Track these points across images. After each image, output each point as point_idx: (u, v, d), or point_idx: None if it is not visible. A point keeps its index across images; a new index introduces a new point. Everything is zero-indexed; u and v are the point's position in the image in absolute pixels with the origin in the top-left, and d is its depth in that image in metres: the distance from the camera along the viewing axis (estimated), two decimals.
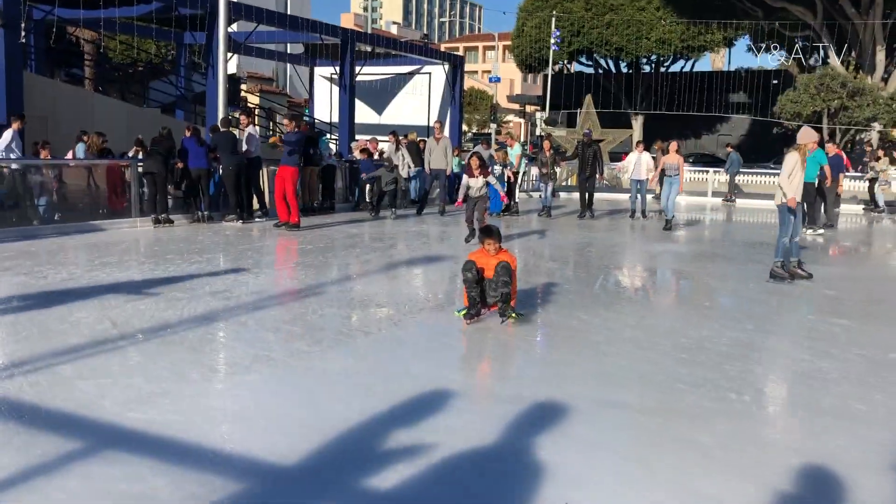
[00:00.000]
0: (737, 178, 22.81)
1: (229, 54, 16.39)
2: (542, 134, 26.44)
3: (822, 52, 32.58)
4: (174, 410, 4.27)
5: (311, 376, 5.05)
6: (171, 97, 24.63)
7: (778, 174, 9.12)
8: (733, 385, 5.03)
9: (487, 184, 11.16)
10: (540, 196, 17.49)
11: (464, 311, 6.40)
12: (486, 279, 6.34)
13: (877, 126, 29.52)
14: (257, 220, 13.55)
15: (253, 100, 36.64)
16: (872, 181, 19.24)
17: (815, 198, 14.36)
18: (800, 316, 7.43)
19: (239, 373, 5.07)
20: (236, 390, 4.72)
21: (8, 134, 12.04)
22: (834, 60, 32.14)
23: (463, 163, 18.27)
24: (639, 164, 15.75)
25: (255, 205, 14.02)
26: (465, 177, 11.00)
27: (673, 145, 14.99)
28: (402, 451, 3.83)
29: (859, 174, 21.85)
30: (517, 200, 17.13)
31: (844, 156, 18.19)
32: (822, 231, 14.11)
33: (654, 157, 16.90)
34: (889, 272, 10.73)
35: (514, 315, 6.33)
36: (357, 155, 16.75)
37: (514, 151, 17.93)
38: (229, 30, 17.23)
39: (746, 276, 9.53)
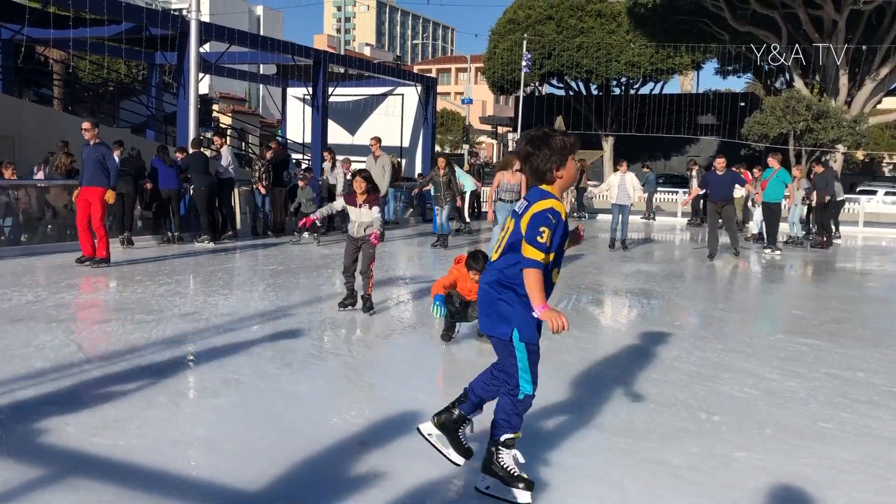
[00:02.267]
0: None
1: (201, 75, 16.32)
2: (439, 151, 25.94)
3: (787, 75, 33.20)
4: (140, 436, 4.19)
5: (281, 399, 4.99)
6: (142, 117, 24.42)
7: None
8: (703, 405, 5.06)
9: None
10: (458, 222, 16.50)
11: (438, 309, 6.12)
12: (469, 301, 6.30)
13: (841, 148, 30.10)
14: (227, 241, 13.45)
15: (225, 120, 36.48)
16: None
17: (777, 217, 14.61)
18: (768, 335, 7.51)
19: (207, 396, 5.00)
20: (204, 414, 4.65)
21: None
22: (799, 83, 32.80)
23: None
24: (623, 186, 14.03)
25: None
26: (338, 201, 7.82)
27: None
28: (372, 476, 3.79)
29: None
30: (468, 221, 17.35)
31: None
32: (779, 252, 14.30)
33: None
34: (853, 292, 10.90)
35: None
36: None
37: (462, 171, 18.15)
38: (201, 50, 17.18)
39: (715, 295, 9.63)
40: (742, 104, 41.42)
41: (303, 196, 14.08)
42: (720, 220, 13.08)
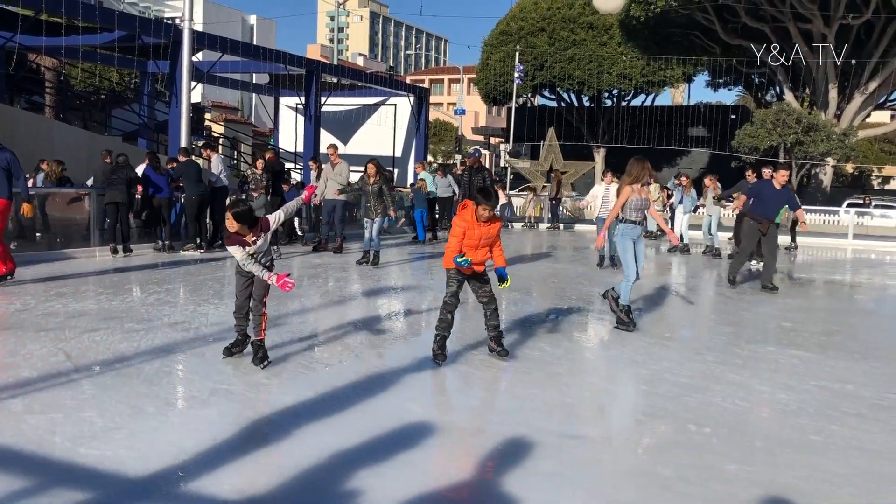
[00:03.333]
0: None
1: (193, 83, 16.31)
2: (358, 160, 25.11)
3: (777, 89, 33.41)
4: (128, 446, 4.16)
5: (271, 410, 4.97)
6: (134, 125, 24.39)
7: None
8: (694, 417, 5.06)
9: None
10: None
11: (462, 259, 6.01)
12: (471, 280, 6.20)
13: (830, 161, 30.30)
14: (220, 249, 13.41)
15: (217, 129, 36.45)
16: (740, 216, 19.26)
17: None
18: (758, 347, 7.53)
19: (196, 406, 4.97)
20: (193, 424, 4.62)
21: None
22: (789, 96, 33.02)
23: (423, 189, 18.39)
24: (607, 198, 13.12)
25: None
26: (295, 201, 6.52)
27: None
28: (362, 487, 3.77)
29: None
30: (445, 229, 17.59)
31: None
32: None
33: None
34: (843, 304, 10.94)
35: (500, 353, 6.33)
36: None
37: (431, 179, 18.21)
38: (193, 59, 17.19)
39: (706, 307, 9.65)
40: (733, 117, 41.64)
41: (255, 203, 12.60)
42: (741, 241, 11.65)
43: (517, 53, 39.05)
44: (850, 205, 28.94)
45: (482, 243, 6.13)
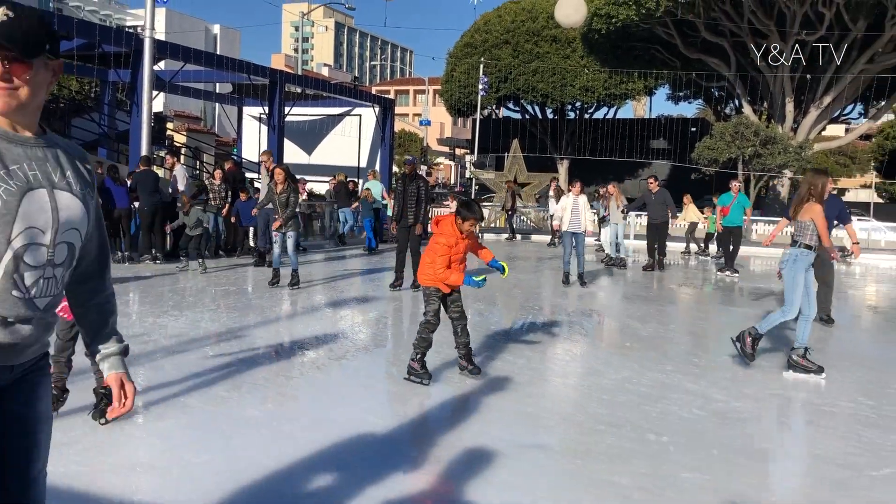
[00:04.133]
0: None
1: (155, 93, 16.14)
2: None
3: (736, 102, 34.06)
4: (80, 461, 4.09)
5: (228, 423, 4.92)
6: (94, 135, 24.02)
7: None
8: (652, 426, 5.12)
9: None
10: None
11: (481, 278, 5.92)
12: (445, 295, 6.04)
13: (788, 173, 30.92)
14: (181, 261, 13.25)
15: (179, 139, 36.05)
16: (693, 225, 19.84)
17: (739, 240, 14.83)
18: (716, 357, 7.64)
19: (152, 420, 4.91)
20: (149, 438, 4.56)
21: None
22: (747, 110, 33.68)
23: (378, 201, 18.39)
24: (576, 210, 12.18)
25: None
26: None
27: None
28: (321, 500, 3.75)
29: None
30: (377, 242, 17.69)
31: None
32: (737, 274, 14.58)
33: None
34: None
35: (473, 371, 6.16)
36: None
37: (376, 188, 18.19)
38: (155, 68, 17.01)
39: (666, 316, 9.77)
40: (693, 129, 42.35)
41: (186, 219, 12.29)
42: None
43: (481, 65, 39.29)
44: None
45: (463, 256, 6.08)
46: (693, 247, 19.48)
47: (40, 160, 1.97)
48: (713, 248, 18.52)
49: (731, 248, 14.84)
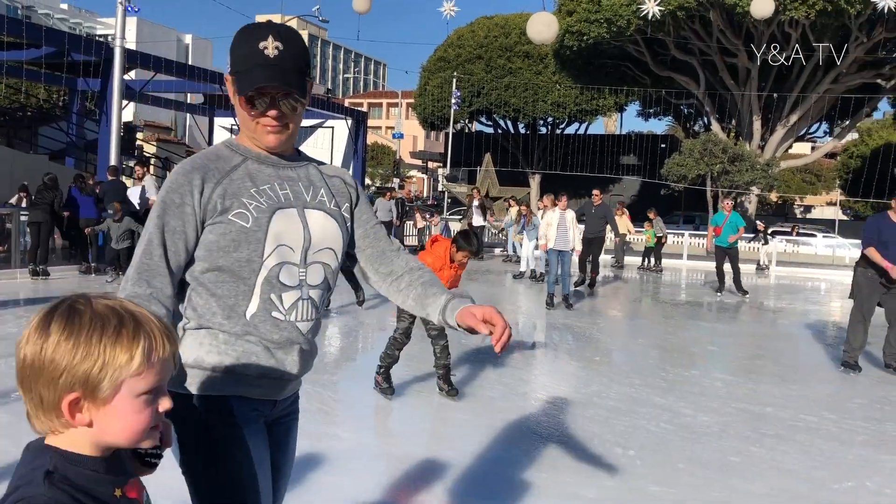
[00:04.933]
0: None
1: (125, 102, 16.01)
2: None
3: (705, 119, 34.61)
4: None
5: None
6: (62, 144, 23.73)
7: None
8: (620, 439, 5.17)
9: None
10: None
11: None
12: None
13: (755, 190, 31.43)
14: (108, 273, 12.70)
15: (149, 149, 35.72)
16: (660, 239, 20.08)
17: (736, 259, 14.17)
18: (684, 371, 7.74)
19: None
20: None
21: None
22: (716, 127, 34.22)
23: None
24: (563, 227, 11.35)
25: None
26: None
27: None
28: None
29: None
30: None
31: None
32: (748, 295, 14.32)
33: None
34: (767, 329, 11.32)
35: (450, 393, 5.99)
36: None
37: None
38: (126, 77, 16.87)
39: (635, 331, 9.87)
40: (663, 146, 42.91)
41: (115, 228, 11.61)
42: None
43: (454, 80, 39.48)
44: (774, 233, 30.04)
45: (449, 285, 5.72)
46: (625, 259, 19.79)
47: (291, 180, 1.93)
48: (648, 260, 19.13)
49: (732, 269, 14.12)
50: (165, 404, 1.21)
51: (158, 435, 1.25)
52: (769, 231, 22.54)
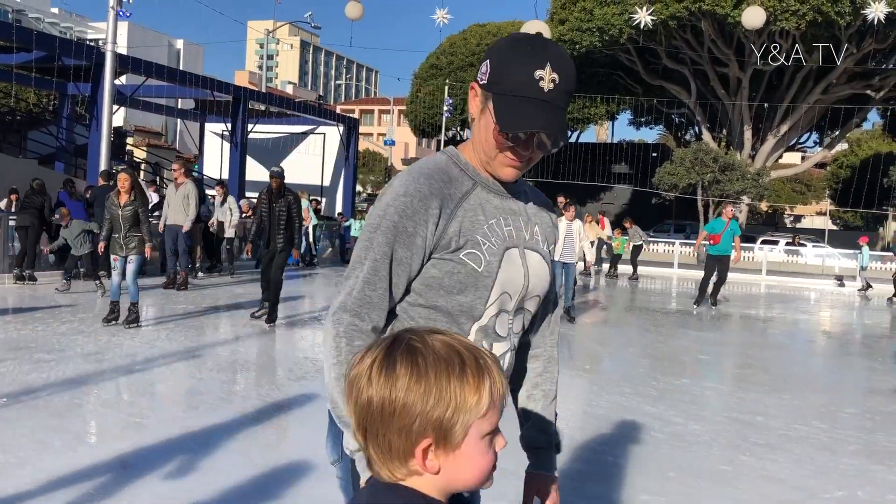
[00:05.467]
0: None
1: (115, 107, 15.95)
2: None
3: (696, 129, 34.76)
4: (31, 482, 3.98)
5: (185, 444, 4.83)
6: (51, 148, 23.61)
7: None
8: (609, 448, 5.15)
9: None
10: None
11: None
12: None
13: (745, 199, 31.56)
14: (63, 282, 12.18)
15: (140, 154, 35.60)
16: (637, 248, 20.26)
17: (727, 269, 13.87)
18: (674, 380, 7.74)
19: (108, 441, 4.80)
20: (104, 460, 4.45)
21: None
22: (707, 136, 34.38)
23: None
24: (569, 238, 10.72)
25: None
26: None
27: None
28: None
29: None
30: (315, 253, 17.83)
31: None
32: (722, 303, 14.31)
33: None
34: (757, 338, 11.35)
35: None
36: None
37: (303, 205, 18.33)
38: (117, 82, 16.82)
39: (626, 340, 9.87)
40: (654, 154, 43.02)
41: (67, 234, 11.09)
42: None
43: (447, 87, 39.54)
44: (763, 241, 30.20)
45: None
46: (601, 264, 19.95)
47: (513, 214, 1.72)
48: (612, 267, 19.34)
49: (718, 277, 13.79)
50: (501, 442, 1.13)
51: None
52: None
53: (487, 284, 1.63)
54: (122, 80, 20.93)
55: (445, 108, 35.37)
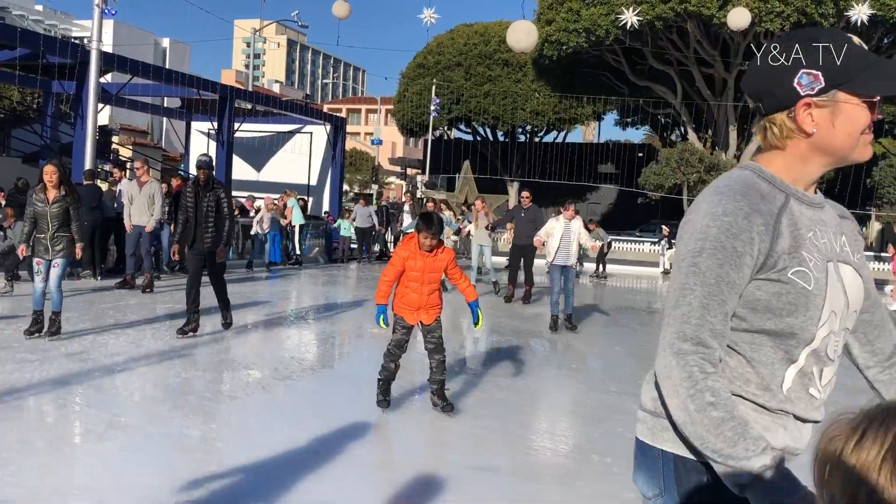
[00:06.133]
0: None
1: (100, 105, 15.84)
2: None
3: (682, 129, 34.93)
4: (14, 483, 3.95)
5: (170, 444, 4.82)
6: (36, 147, 23.42)
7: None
8: (596, 447, 5.17)
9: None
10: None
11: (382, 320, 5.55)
12: (421, 325, 5.65)
13: None
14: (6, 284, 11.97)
15: (125, 152, 35.37)
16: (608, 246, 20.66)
17: None
18: None
19: (91, 441, 4.78)
20: (87, 459, 4.44)
21: None
22: (692, 137, 34.55)
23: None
24: (567, 237, 10.10)
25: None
26: None
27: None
28: None
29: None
30: (298, 252, 17.60)
31: None
32: None
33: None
34: None
35: (445, 409, 5.74)
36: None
37: (290, 203, 18.21)
38: (102, 80, 16.71)
39: (612, 339, 9.90)
40: (640, 155, 43.20)
41: (15, 233, 10.75)
42: None
43: (434, 87, 39.54)
44: None
45: (428, 277, 5.56)
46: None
47: (824, 225, 1.63)
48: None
49: None
50: None
51: None
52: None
53: (818, 304, 1.55)
54: (108, 78, 20.80)
55: (433, 107, 35.36)
